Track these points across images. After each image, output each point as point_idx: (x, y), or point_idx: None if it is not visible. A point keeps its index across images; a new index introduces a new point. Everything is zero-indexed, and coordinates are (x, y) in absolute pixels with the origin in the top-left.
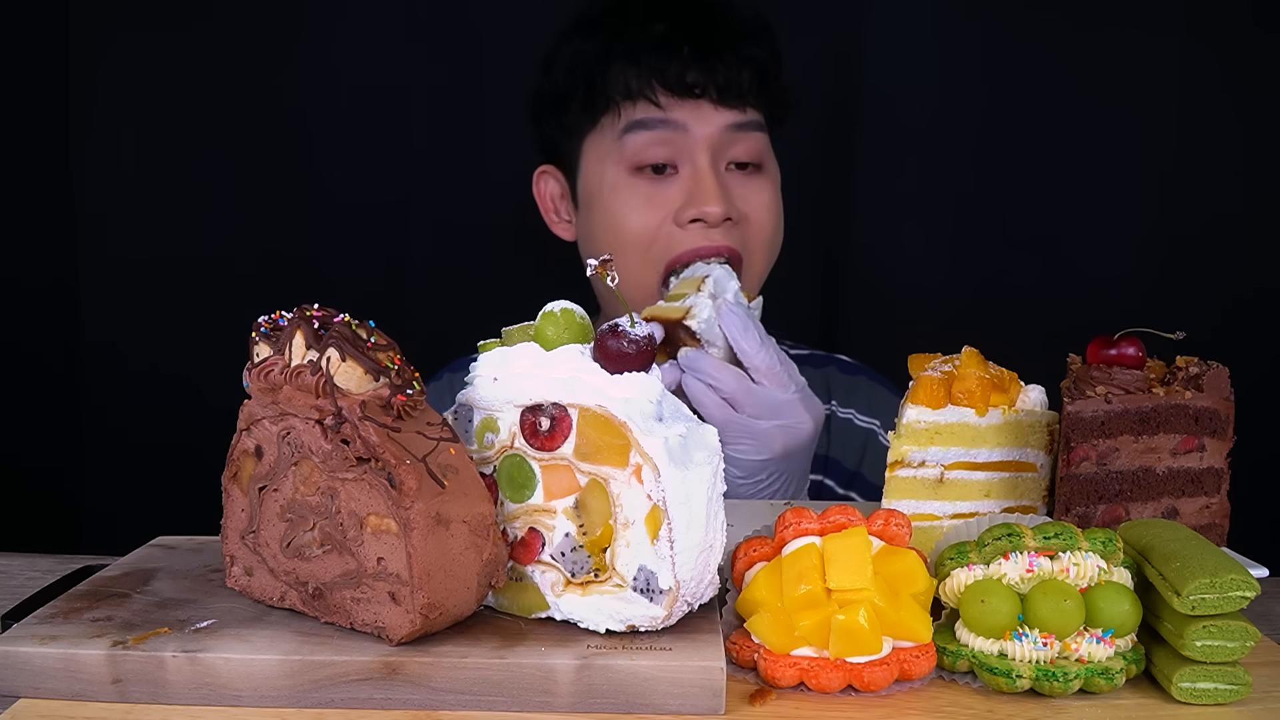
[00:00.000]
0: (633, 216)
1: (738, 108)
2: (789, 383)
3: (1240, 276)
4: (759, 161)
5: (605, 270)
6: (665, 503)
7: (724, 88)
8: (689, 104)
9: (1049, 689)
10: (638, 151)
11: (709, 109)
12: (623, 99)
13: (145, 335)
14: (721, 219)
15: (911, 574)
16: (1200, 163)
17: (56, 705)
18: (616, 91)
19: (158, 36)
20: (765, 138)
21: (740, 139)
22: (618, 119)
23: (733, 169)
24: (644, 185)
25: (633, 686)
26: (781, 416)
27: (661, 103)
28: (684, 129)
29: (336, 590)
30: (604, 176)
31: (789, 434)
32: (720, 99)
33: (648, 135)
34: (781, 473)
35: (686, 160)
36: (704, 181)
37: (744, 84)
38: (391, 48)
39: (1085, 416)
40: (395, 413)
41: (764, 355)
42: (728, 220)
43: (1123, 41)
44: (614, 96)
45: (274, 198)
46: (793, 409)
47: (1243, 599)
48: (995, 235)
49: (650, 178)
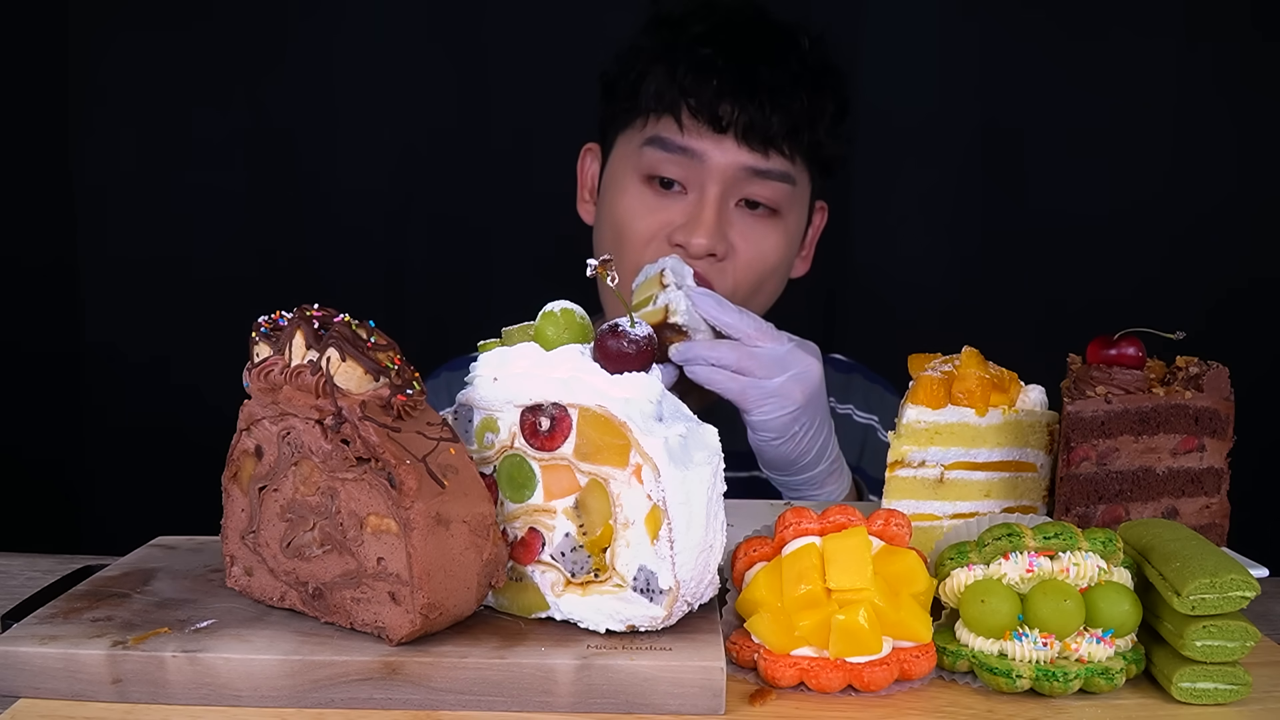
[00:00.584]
0: (635, 221)
1: (760, 151)
2: (780, 335)
3: (1240, 277)
4: (775, 208)
5: (605, 270)
6: (665, 503)
7: (749, 128)
8: (711, 134)
9: (1049, 689)
10: (653, 165)
11: (731, 144)
12: (652, 108)
13: (145, 335)
14: (705, 253)
15: (911, 574)
16: (1200, 163)
17: (56, 705)
18: (648, 98)
19: (157, 37)
20: (790, 190)
21: (758, 184)
22: (644, 128)
23: (743, 206)
24: (651, 196)
25: (633, 686)
26: (789, 367)
27: (686, 125)
28: (701, 158)
29: (336, 590)
30: (622, 176)
31: (803, 381)
32: (744, 138)
33: (665, 155)
34: (810, 420)
35: (696, 186)
36: (704, 213)
37: (771, 130)
38: (391, 48)
39: (1085, 416)
40: (395, 413)
41: (747, 320)
42: (711, 256)
43: (1120, 44)
44: (645, 104)
45: (274, 198)
46: (796, 357)
47: (1243, 599)
48: (995, 235)
49: (658, 190)
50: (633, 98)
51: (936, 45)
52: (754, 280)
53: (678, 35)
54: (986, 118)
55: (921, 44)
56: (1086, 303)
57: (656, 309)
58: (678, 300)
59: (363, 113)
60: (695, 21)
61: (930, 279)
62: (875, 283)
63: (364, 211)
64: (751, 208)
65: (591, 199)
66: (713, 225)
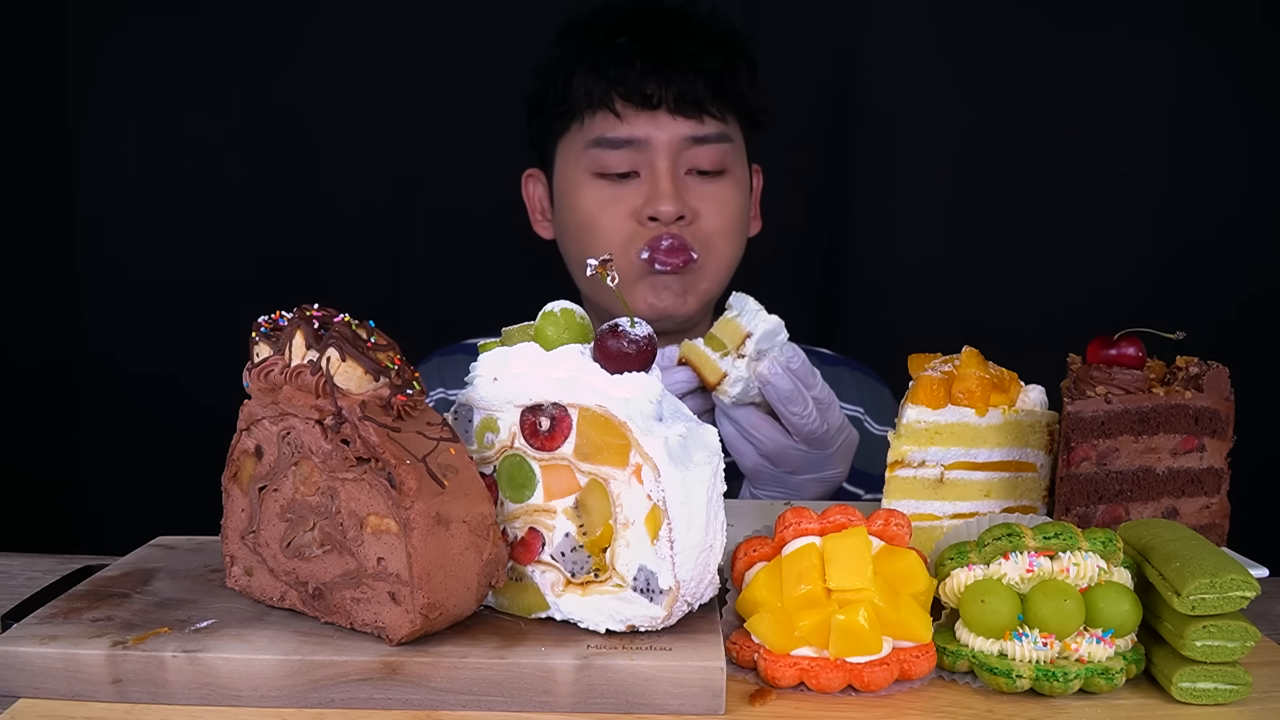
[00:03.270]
0: (599, 214)
1: (695, 118)
2: (830, 439)
3: (1240, 276)
4: (721, 169)
5: (605, 270)
6: (665, 503)
7: (680, 98)
8: (647, 114)
9: (1049, 689)
10: (601, 163)
11: (666, 119)
12: (585, 108)
13: (145, 335)
14: (674, 218)
15: (911, 574)
16: (1201, 162)
17: (56, 705)
18: (580, 100)
19: (157, 38)
20: (729, 147)
21: (700, 150)
22: (583, 129)
23: (694, 174)
24: (608, 188)
25: (633, 686)
26: (818, 470)
27: (621, 112)
28: (644, 142)
29: (336, 590)
30: (573, 179)
31: (823, 484)
32: (676, 109)
33: (610, 151)
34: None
35: (647, 166)
36: (660, 185)
37: (700, 95)
38: (391, 49)
39: (1085, 416)
40: (395, 413)
41: (810, 422)
42: (680, 219)
43: (1123, 41)
44: (578, 104)
45: (274, 199)
46: (830, 462)
47: (1243, 599)
48: (995, 235)
49: (613, 180)
50: (564, 102)
51: (938, 47)
52: (720, 237)
53: (591, 36)
54: (988, 119)
55: (923, 45)
56: (1087, 303)
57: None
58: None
59: (363, 114)
60: (602, 20)
61: (931, 278)
62: (875, 283)
63: (364, 212)
64: (701, 174)
65: (544, 217)
66: (671, 192)
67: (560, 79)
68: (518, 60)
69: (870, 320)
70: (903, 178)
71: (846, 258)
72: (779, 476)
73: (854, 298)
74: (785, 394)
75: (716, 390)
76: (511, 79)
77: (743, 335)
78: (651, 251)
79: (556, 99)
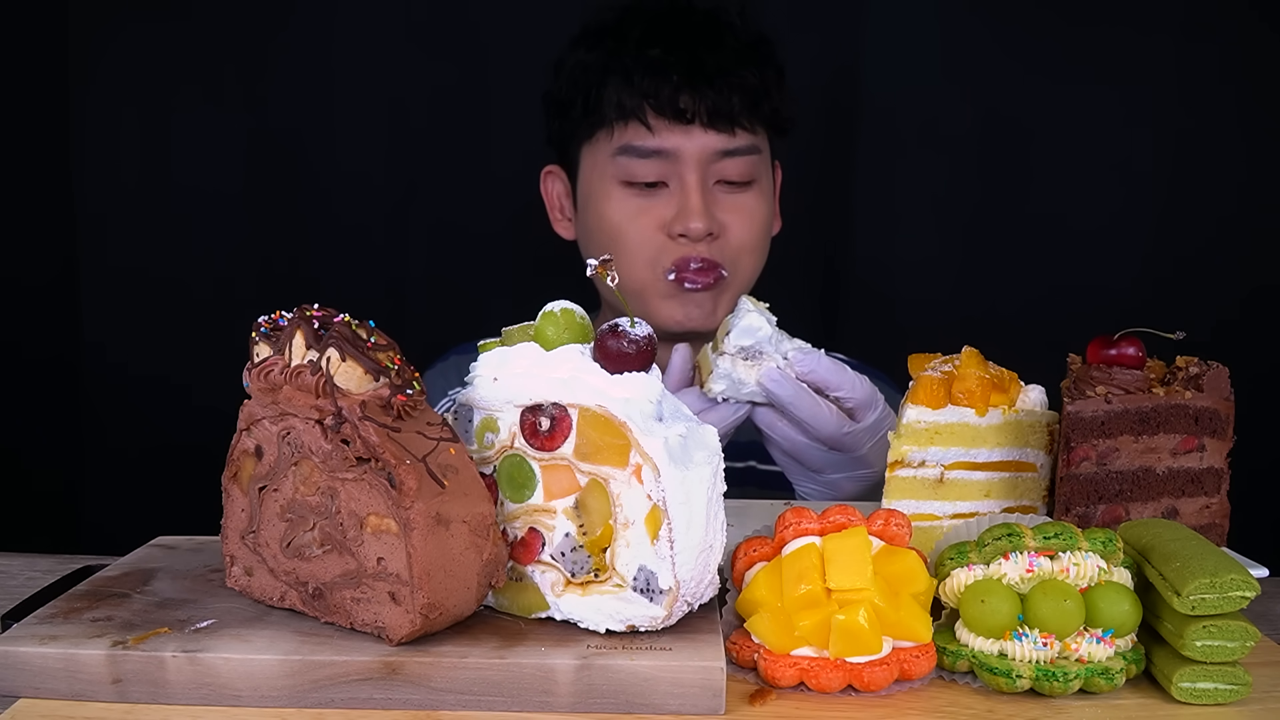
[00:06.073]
0: (627, 224)
1: (727, 132)
2: (858, 441)
3: (1240, 277)
4: (749, 179)
5: (605, 270)
6: (665, 503)
7: (713, 112)
8: (679, 127)
9: (1049, 689)
10: (629, 171)
11: (699, 132)
12: (616, 118)
13: (145, 335)
14: (703, 235)
15: (911, 574)
16: (1201, 162)
17: (56, 705)
18: (610, 109)
19: (158, 39)
20: (758, 158)
21: (729, 162)
22: (611, 137)
23: (721, 185)
24: (635, 198)
25: (633, 686)
26: (846, 469)
27: (652, 125)
28: (674, 153)
29: (336, 590)
30: (599, 186)
31: (857, 482)
32: (710, 123)
33: (639, 160)
34: None
35: (675, 178)
36: (690, 200)
37: (734, 109)
38: (391, 50)
39: (1085, 416)
40: (395, 413)
41: (826, 426)
42: (710, 235)
43: (1123, 41)
44: (608, 115)
45: (274, 201)
46: (861, 462)
47: (1243, 599)
48: (995, 235)
49: (641, 190)
50: (593, 113)
51: (939, 41)
52: (748, 250)
53: (621, 44)
54: (989, 115)
55: (924, 40)
56: (1087, 302)
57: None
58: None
59: (362, 115)
60: (631, 27)
61: (931, 278)
62: (875, 282)
63: (364, 212)
64: (728, 185)
65: (565, 216)
66: (701, 208)
67: (591, 87)
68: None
69: (870, 320)
70: (903, 177)
71: (847, 258)
72: (808, 473)
73: (854, 298)
74: (786, 399)
75: (703, 388)
76: (514, 81)
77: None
78: (679, 271)
79: (585, 107)
